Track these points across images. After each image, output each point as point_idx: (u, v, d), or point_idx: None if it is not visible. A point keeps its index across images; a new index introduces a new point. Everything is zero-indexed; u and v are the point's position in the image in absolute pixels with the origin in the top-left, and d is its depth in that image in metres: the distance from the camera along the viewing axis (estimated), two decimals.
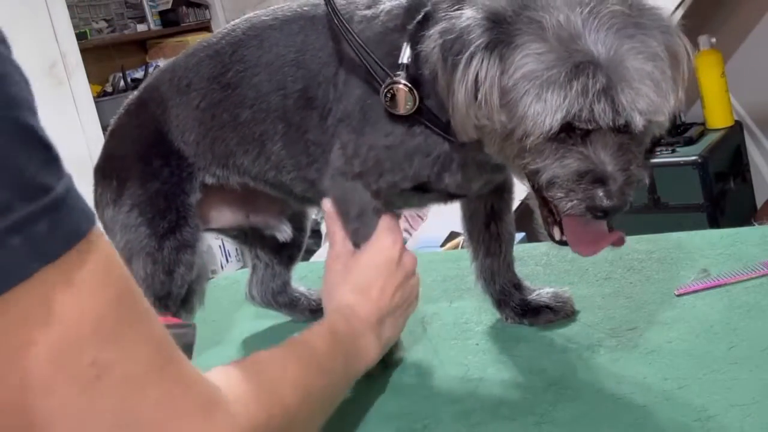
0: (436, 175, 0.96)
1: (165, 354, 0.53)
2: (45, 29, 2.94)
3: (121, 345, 0.50)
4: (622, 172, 0.80)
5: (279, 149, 1.05)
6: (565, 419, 0.85)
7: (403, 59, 0.91)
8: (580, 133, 0.80)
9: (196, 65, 1.10)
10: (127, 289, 0.52)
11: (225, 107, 1.07)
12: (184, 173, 1.10)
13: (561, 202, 0.83)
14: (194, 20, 4.18)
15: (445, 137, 0.92)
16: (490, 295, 1.13)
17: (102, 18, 3.97)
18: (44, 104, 0.50)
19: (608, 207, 0.80)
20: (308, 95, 1.01)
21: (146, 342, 0.52)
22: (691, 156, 2.87)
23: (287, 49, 1.03)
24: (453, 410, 0.92)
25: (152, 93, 1.13)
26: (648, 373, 0.90)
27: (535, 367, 0.98)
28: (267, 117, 1.05)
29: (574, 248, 0.89)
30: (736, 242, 1.21)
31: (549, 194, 0.84)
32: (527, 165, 0.84)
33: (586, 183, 0.81)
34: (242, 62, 1.06)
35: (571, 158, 0.81)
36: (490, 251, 1.12)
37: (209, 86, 1.08)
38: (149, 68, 3.82)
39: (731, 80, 3.02)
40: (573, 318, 1.08)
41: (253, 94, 1.05)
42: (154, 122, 1.11)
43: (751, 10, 3.17)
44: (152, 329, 0.53)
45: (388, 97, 0.90)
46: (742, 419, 0.77)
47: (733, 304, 1.02)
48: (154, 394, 0.51)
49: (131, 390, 0.50)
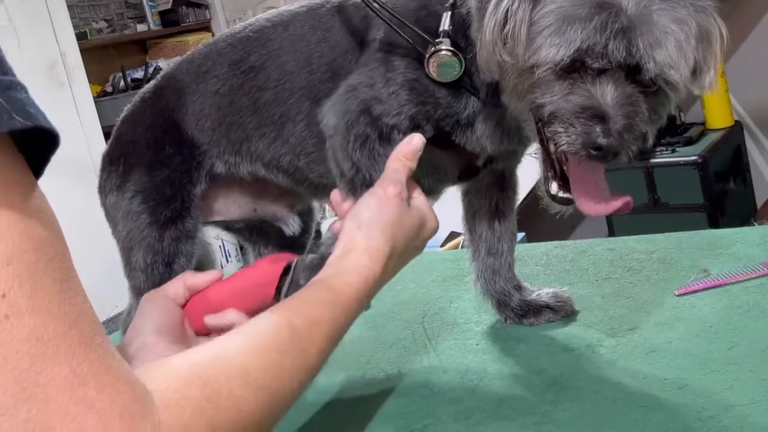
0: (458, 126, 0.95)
1: (84, 334, 0.47)
2: (45, 29, 2.94)
3: (32, 302, 0.45)
4: (624, 117, 0.80)
5: (302, 130, 1.03)
6: (565, 419, 0.85)
7: (444, 26, 0.92)
8: (591, 73, 0.80)
9: (217, 53, 1.09)
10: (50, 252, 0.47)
11: (246, 91, 1.06)
12: (194, 162, 1.09)
13: (560, 138, 0.82)
14: (194, 20, 4.18)
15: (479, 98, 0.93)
16: (490, 295, 1.13)
17: (102, 18, 3.97)
18: (44, 104, 0.50)
19: (604, 144, 0.79)
20: (335, 67, 1.00)
21: (62, 312, 0.46)
22: (691, 156, 2.88)
23: (314, 30, 1.03)
24: (453, 410, 0.92)
25: (169, 81, 1.12)
26: (648, 373, 0.90)
27: (535, 367, 0.98)
28: (291, 96, 1.03)
29: (579, 204, 0.87)
30: (736, 242, 1.21)
31: (549, 130, 0.84)
32: (536, 99, 0.84)
33: (586, 118, 0.80)
34: (266, 46, 1.05)
35: (577, 94, 0.81)
36: (492, 250, 1.12)
37: (230, 72, 1.07)
38: (149, 68, 3.82)
39: (731, 80, 3.03)
40: (573, 318, 1.08)
41: (276, 74, 1.04)
42: (168, 110, 1.10)
43: (751, 10, 3.17)
44: (72, 304, 0.47)
45: (434, 65, 0.91)
46: (742, 419, 0.77)
47: (733, 304, 1.02)
48: (63, 372, 0.45)
49: (38, 354, 0.45)
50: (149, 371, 0.53)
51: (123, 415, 0.47)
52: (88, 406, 0.46)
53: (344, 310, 0.75)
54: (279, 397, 0.61)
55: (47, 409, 0.45)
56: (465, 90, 0.93)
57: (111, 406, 0.47)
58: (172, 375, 0.54)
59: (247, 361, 0.60)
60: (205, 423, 0.53)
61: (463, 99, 0.94)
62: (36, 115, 0.47)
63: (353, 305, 0.77)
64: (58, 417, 0.45)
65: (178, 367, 0.55)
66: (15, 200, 0.46)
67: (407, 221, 0.88)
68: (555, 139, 0.83)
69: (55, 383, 0.45)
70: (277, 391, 0.61)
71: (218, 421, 0.54)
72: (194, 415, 0.52)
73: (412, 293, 1.32)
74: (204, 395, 0.54)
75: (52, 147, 0.50)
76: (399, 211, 0.87)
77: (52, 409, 0.45)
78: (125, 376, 0.49)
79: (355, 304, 0.77)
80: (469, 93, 0.94)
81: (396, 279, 1.38)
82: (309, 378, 0.67)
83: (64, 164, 2.88)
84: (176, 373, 0.54)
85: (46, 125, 0.47)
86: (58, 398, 0.45)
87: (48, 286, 0.46)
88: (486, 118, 0.95)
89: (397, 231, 0.86)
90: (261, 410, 0.59)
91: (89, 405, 0.46)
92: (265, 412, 0.59)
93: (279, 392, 0.61)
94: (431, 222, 0.91)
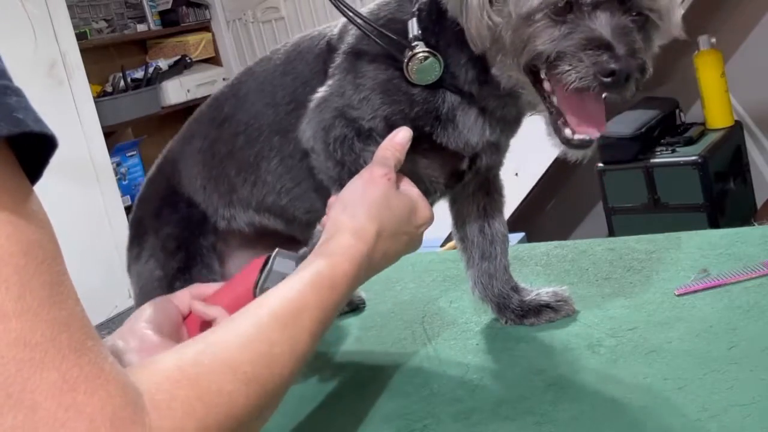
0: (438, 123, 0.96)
1: (74, 338, 0.46)
2: (45, 29, 2.94)
3: (20, 306, 0.44)
4: (626, 45, 0.82)
5: (276, 166, 1.06)
6: (565, 419, 0.85)
7: (413, 32, 0.93)
8: (587, 10, 0.83)
9: (199, 115, 1.15)
10: (39, 255, 0.46)
11: (223, 141, 1.10)
12: (195, 217, 1.12)
13: (570, 76, 0.83)
14: (194, 20, 4.18)
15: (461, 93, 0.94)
16: (488, 300, 1.13)
17: (102, 18, 3.97)
18: (44, 104, 0.50)
19: (616, 68, 0.81)
20: (298, 96, 1.02)
21: (51, 317, 0.45)
22: (691, 156, 2.88)
23: (277, 68, 1.06)
24: (453, 410, 0.92)
25: (166, 155, 1.18)
26: (648, 373, 0.90)
27: (535, 367, 0.98)
28: (260, 135, 1.06)
29: (582, 129, 0.88)
30: (736, 242, 1.21)
31: (556, 72, 0.84)
32: (536, 48, 0.85)
33: (592, 50, 0.82)
34: (236, 95, 1.10)
35: (578, 31, 0.83)
36: (485, 254, 1.12)
37: (208, 128, 1.12)
38: (149, 68, 3.82)
39: (731, 80, 3.03)
40: (573, 318, 1.08)
41: (246, 117, 1.08)
42: (166, 180, 1.15)
43: (751, 10, 3.17)
44: (62, 308, 0.46)
45: (413, 69, 0.92)
46: (742, 419, 0.77)
47: (733, 304, 1.02)
48: (51, 378, 0.44)
49: (26, 360, 0.44)
50: (136, 373, 0.52)
51: (113, 421, 0.46)
52: (78, 411, 0.45)
53: (332, 292, 0.73)
54: (271, 387, 0.60)
55: (35, 416, 0.44)
56: (444, 88, 0.94)
57: (101, 411, 0.46)
58: (159, 375, 0.53)
59: (235, 355, 0.59)
60: (197, 422, 0.52)
61: (440, 93, 0.95)
62: (24, 120, 0.46)
63: (341, 286, 0.75)
64: (46, 424, 0.44)
65: (165, 367, 0.54)
66: (5, 204, 0.45)
67: (395, 202, 0.86)
68: (564, 79, 0.84)
69: (43, 389, 0.44)
70: (268, 382, 0.60)
71: (210, 419, 0.53)
72: (185, 416, 0.52)
73: (412, 293, 1.32)
74: (194, 394, 0.53)
75: (50, 149, 0.49)
76: (385, 191, 0.86)
77: (40, 416, 0.44)
78: (117, 380, 0.48)
79: (344, 285, 0.76)
80: (448, 91, 0.94)
81: (396, 279, 1.39)
82: (301, 364, 0.66)
83: (64, 164, 2.88)
84: (164, 374, 0.53)
85: (36, 129, 0.46)
86: (46, 404, 0.44)
87: (37, 289, 0.45)
88: (467, 109, 0.96)
89: (384, 211, 0.84)
90: (253, 403, 0.58)
91: (79, 411, 0.45)
92: (258, 404, 0.58)
93: (270, 383, 0.60)
94: (423, 210, 0.90)
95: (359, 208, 0.83)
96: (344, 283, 0.76)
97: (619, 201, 2.95)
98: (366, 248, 0.80)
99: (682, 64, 3.13)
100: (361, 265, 0.79)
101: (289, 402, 1.04)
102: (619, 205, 2.95)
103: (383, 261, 0.86)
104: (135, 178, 3.75)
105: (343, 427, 0.94)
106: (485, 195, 1.12)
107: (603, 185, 2.98)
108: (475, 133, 0.97)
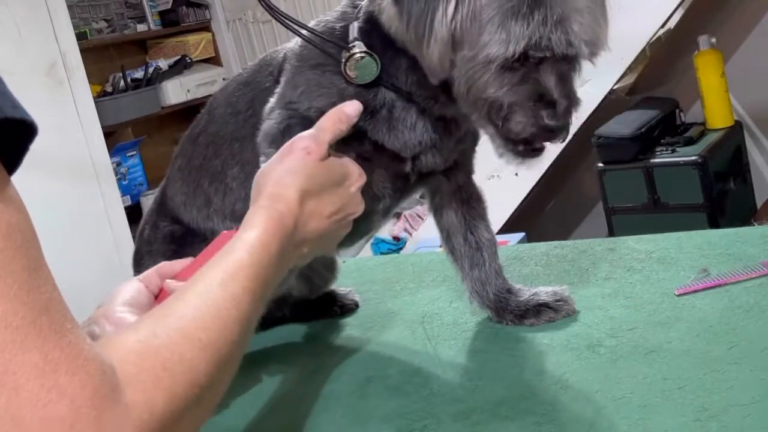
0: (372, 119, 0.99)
1: (54, 320, 0.47)
2: (45, 29, 2.94)
3: (2, 287, 0.45)
4: (566, 97, 0.89)
5: (238, 172, 1.09)
6: (565, 419, 0.85)
7: (353, 34, 0.98)
8: (534, 62, 0.87)
9: (183, 137, 1.20)
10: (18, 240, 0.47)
11: (196, 154, 1.15)
12: (178, 233, 1.15)
13: (516, 126, 0.90)
14: (194, 20, 4.18)
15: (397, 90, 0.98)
16: (487, 307, 1.13)
17: (102, 18, 3.97)
18: (44, 104, 0.51)
19: (554, 126, 0.89)
20: (255, 104, 1.07)
21: (31, 299, 0.46)
22: (691, 156, 2.87)
23: (242, 80, 1.13)
24: (453, 410, 0.92)
25: (162, 182, 1.22)
26: (648, 373, 0.90)
27: (535, 367, 0.98)
28: (223, 143, 1.11)
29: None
30: (736, 242, 1.21)
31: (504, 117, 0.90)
32: (489, 92, 0.90)
33: (537, 106, 0.89)
34: (209, 111, 1.16)
35: (526, 84, 0.88)
36: (474, 262, 1.13)
37: (187, 145, 1.17)
38: (149, 68, 3.82)
39: (731, 80, 3.03)
40: (573, 318, 1.08)
41: (214, 129, 1.13)
42: (156, 206, 1.20)
43: (751, 10, 3.17)
44: (41, 292, 0.47)
45: (351, 68, 0.96)
46: (742, 419, 0.77)
47: (733, 304, 1.02)
48: (33, 359, 0.45)
49: (7, 341, 0.45)
50: (102, 349, 0.52)
51: (93, 401, 0.47)
52: (60, 393, 0.46)
53: (262, 250, 0.75)
54: (225, 351, 0.62)
55: (18, 397, 0.44)
56: (383, 86, 0.98)
57: (82, 391, 0.46)
58: (123, 350, 0.54)
59: (188, 324, 0.60)
60: (165, 391, 0.53)
61: (375, 89, 0.98)
62: (2, 107, 0.46)
63: (272, 245, 0.77)
64: (29, 405, 0.45)
65: (126, 342, 0.55)
66: None
67: (316, 169, 0.88)
68: (512, 128, 0.90)
69: (25, 370, 0.45)
70: (222, 346, 0.62)
71: (177, 387, 0.55)
72: (154, 387, 0.53)
73: (412, 293, 1.32)
74: (159, 364, 0.54)
75: (30, 136, 0.49)
76: (303, 161, 0.88)
77: (23, 398, 0.44)
78: (95, 360, 0.49)
79: (276, 243, 0.78)
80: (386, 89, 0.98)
81: (396, 279, 1.39)
82: (248, 325, 0.68)
83: (64, 164, 2.88)
84: (127, 348, 0.54)
85: (15, 116, 0.47)
86: (29, 386, 0.45)
87: (17, 272, 0.46)
88: (406, 108, 0.99)
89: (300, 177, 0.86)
90: (212, 369, 0.59)
91: (60, 392, 0.46)
92: (217, 369, 0.60)
93: (225, 346, 0.62)
94: (356, 169, 0.93)
95: (274, 174, 0.87)
96: (274, 242, 0.77)
97: (619, 201, 2.95)
98: (285, 206, 0.83)
99: (682, 64, 3.14)
100: (285, 222, 0.81)
101: (289, 402, 1.04)
102: (619, 205, 2.95)
103: (319, 221, 0.88)
104: (135, 178, 3.75)
105: (343, 427, 0.94)
106: (463, 204, 1.13)
107: (603, 185, 2.98)
108: (415, 133, 1.00)
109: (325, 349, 1.19)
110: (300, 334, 1.28)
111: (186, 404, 0.55)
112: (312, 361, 1.15)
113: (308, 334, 1.27)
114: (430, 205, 1.16)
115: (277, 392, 1.04)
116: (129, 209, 3.41)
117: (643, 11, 2.60)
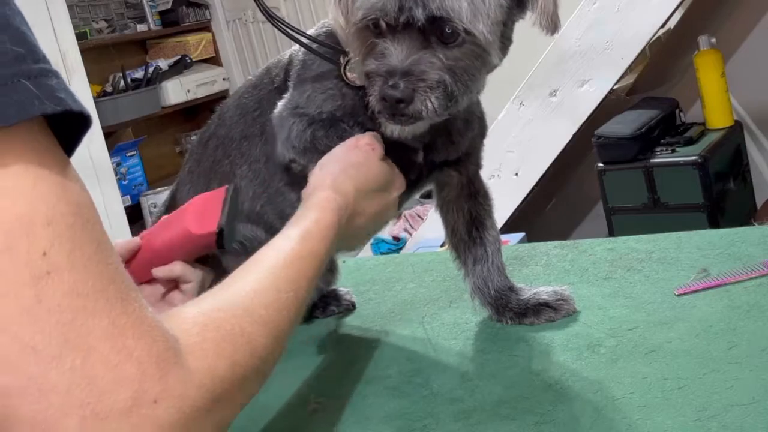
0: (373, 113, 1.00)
1: (120, 290, 0.50)
2: (45, 29, 2.94)
3: (72, 260, 0.48)
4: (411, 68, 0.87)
5: (246, 172, 1.11)
6: (565, 419, 0.85)
7: None
8: (390, 32, 0.88)
9: (192, 144, 1.23)
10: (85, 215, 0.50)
11: (206, 156, 1.17)
12: None
13: (371, 97, 0.91)
14: (194, 20, 4.18)
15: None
16: (488, 304, 1.13)
17: (102, 18, 3.97)
18: None
19: (387, 95, 0.87)
20: (263, 103, 1.10)
21: (99, 270, 0.49)
22: (691, 156, 2.87)
23: (250, 84, 1.16)
24: (453, 410, 0.92)
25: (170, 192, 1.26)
26: (648, 373, 0.90)
27: (535, 367, 0.98)
28: (232, 143, 1.13)
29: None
30: (736, 242, 1.21)
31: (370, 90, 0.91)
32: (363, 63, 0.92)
33: (381, 75, 0.89)
34: (219, 117, 1.18)
35: (378, 53, 0.90)
36: (478, 259, 1.13)
37: (197, 149, 1.20)
38: (149, 68, 3.82)
39: (731, 80, 3.03)
40: (573, 318, 1.08)
41: (223, 131, 1.15)
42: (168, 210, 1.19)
43: (751, 10, 3.17)
44: (108, 263, 0.50)
45: (350, 69, 0.99)
46: (742, 419, 0.77)
47: (733, 304, 1.02)
48: (102, 324, 0.48)
49: (80, 308, 0.48)
50: (164, 322, 0.55)
51: (159, 363, 0.50)
52: (128, 354, 0.49)
53: (321, 242, 0.80)
54: (282, 329, 0.67)
55: (90, 358, 0.47)
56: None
57: (148, 354, 0.50)
58: (187, 323, 0.57)
59: (249, 301, 0.65)
60: (227, 361, 0.57)
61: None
62: (65, 100, 0.49)
63: (328, 237, 0.82)
64: (101, 366, 0.47)
65: (190, 315, 0.59)
66: (54, 169, 0.49)
67: (375, 168, 0.93)
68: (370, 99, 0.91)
69: (96, 334, 0.48)
70: (280, 324, 0.66)
71: (238, 358, 0.58)
72: (216, 356, 0.56)
73: (412, 293, 1.32)
74: (220, 336, 0.58)
75: (84, 127, 0.53)
76: (367, 157, 0.93)
77: (95, 359, 0.47)
78: (158, 326, 0.52)
79: (331, 234, 0.83)
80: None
81: (396, 279, 1.39)
82: (303, 307, 0.73)
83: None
84: (191, 321, 0.58)
85: (75, 108, 0.50)
86: (100, 348, 0.48)
87: (85, 245, 0.49)
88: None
89: (361, 171, 0.92)
90: (270, 343, 0.64)
91: (129, 354, 0.49)
92: (274, 344, 0.65)
93: (282, 325, 0.67)
94: (400, 179, 0.99)
95: (337, 166, 0.91)
96: (331, 234, 0.83)
97: (619, 201, 2.95)
98: (344, 201, 0.88)
99: (682, 64, 3.13)
100: (342, 216, 0.86)
101: (289, 402, 1.04)
102: (619, 205, 2.95)
103: (362, 219, 0.93)
104: (135, 178, 3.75)
105: (343, 427, 0.94)
106: (469, 200, 1.13)
107: (603, 185, 2.98)
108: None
109: (324, 349, 1.19)
110: (300, 334, 1.28)
111: (245, 372, 0.59)
112: (312, 361, 1.15)
113: (308, 334, 1.27)
114: (437, 199, 1.16)
115: (277, 392, 1.04)
116: (129, 209, 3.42)
117: (643, 11, 2.60)
